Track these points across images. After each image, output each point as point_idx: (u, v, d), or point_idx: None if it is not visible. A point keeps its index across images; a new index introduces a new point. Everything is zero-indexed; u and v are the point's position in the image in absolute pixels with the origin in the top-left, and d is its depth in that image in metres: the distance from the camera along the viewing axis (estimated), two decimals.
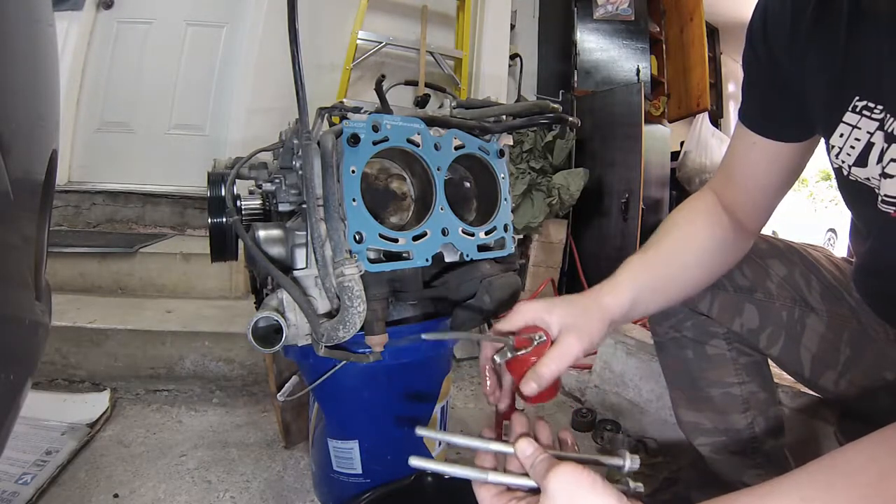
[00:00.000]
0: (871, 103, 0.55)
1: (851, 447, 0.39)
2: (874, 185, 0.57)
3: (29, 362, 0.54)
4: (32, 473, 1.04)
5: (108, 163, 2.58)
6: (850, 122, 0.57)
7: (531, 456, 0.47)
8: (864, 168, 0.57)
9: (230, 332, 1.59)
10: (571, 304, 0.61)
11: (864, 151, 0.57)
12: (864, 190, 0.58)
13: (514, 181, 2.41)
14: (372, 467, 0.90)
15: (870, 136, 0.56)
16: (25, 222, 0.53)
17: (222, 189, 0.91)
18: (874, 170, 0.56)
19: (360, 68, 2.63)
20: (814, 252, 0.83)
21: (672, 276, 0.70)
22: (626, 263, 0.68)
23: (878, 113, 0.54)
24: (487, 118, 0.92)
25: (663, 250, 0.70)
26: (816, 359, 0.78)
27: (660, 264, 0.69)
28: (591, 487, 0.42)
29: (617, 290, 0.64)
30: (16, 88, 0.51)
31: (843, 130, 0.58)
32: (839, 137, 0.59)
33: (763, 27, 0.64)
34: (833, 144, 0.60)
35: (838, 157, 0.60)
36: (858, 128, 0.57)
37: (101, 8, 2.56)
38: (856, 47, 0.55)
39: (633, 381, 1.44)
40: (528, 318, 0.60)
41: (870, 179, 0.57)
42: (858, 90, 0.56)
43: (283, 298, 0.74)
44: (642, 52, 3.44)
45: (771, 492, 0.39)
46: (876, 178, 0.56)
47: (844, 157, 0.59)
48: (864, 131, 0.56)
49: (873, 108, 0.55)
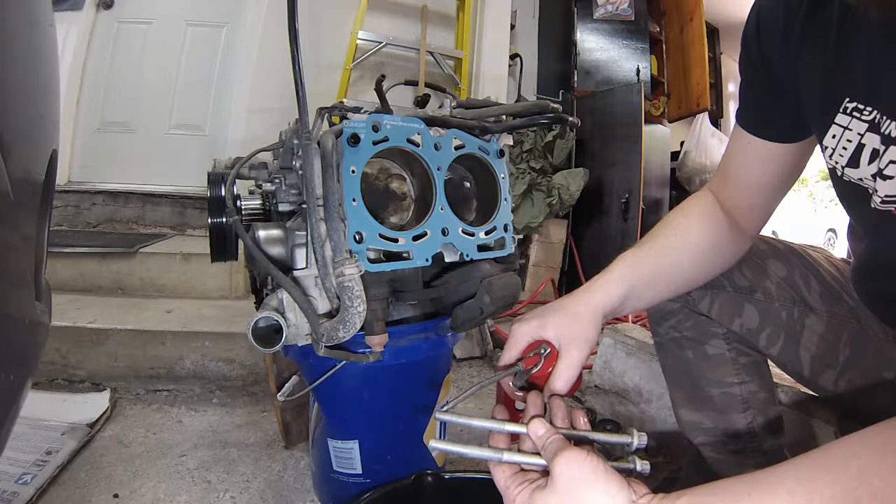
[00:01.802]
0: (860, 105, 0.55)
1: (839, 443, 0.40)
2: (867, 185, 0.57)
3: (29, 362, 0.54)
4: (32, 473, 1.04)
5: (108, 163, 2.58)
6: (842, 124, 0.58)
7: (543, 436, 0.49)
8: (857, 169, 0.57)
9: (230, 332, 1.59)
10: (563, 313, 0.63)
11: (855, 152, 0.57)
12: (857, 190, 0.59)
13: (514, 181, 2.41)
14: (372, 467, 0.90)
15: (860, 137, 0.56)
16: (25, 222, 0.53)
17: (222, 189, 0.91)
18: (866, 170, 0.56)
19: (360, 68, 2.64)
20: (813, 253, 0.83)
21: (664, 274, 0.71)
22: (620, 259, 0.69)
23: (868, 114, 0.55)
24: (487, 118, 0.92)
25: (657, 247, 0.71)
26: (816, 358, 0.78)
27: (653, 261, 0.70)
28: (592, 474, 0.43)
29: (608, 287, 0.66)
30: (16, 88, 0.51)
31: (835, 132, 0.59)
32: (832, 139, 0.59)
33: (756, 30, 0.65)
34: (826, 145, 0.61)
35: (832, 157, 0.60)
36: (850, 129, 0.57)
37: (101, 8, 2.56)
38: (847, 50, 0.56)
39: (633, 381, 1.44)
40: (528, 340, 0.63)
41: (863, 180, 0.58)
42: (849, 92, 0.56)
43: (283, 298, 0.74)
44: (642, 52, 3.44)
45: (759, 482, 0.39)
46: (869, 179, 0.57)
47: (837, 157, 0.59)
48: (854, 132, 0.56)
49: (863, 109, 0.55)
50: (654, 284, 0.71)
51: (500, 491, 0.49)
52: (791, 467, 0.40)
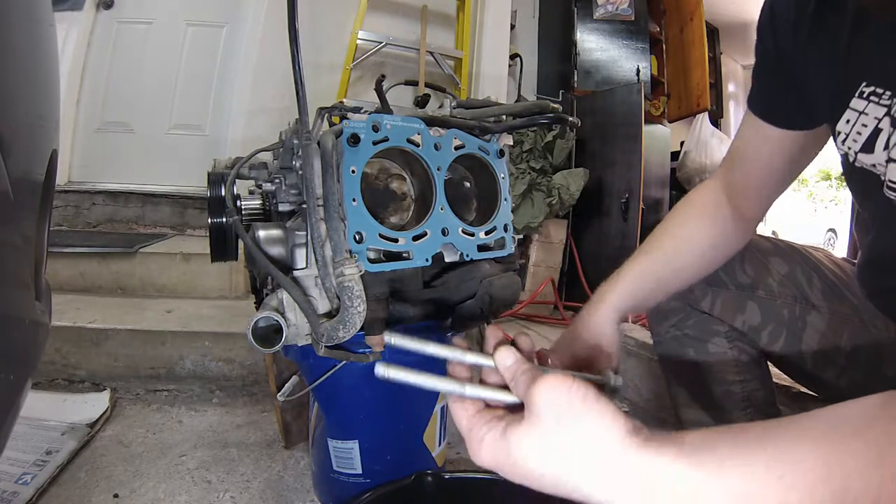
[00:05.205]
0: (878, 89, 0.55)
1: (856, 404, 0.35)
2: (880, 171, 0.57)
3: (29, 362, 0.54)
4: (32, 473, 1.04)
5: (108, 163, 2.58)
6: (857, 108, 0.57)
7: (513, 366, 0.41)
8: (871, 154, 0.57)
9: (230, 332, 1.58)
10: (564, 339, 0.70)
11: (870, 137, 0.56)
12: (869, 177, 0.58)
13: (514, 181, 2.41)
14: (372, 467, 0.90)
15: (877, 121, 0.55)
16: (25, 222, 0.53)
17: (222, 189, 0.91)
18: (881, 156, 0.56)
19: (360, 68, 2.63)
20: (815, 252, 0.84)
21: (671, 278, 0.75)
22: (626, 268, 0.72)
23: (887, 99, 0.54)
24: (487, 118, 0.92)
25: (660, 254, 0.74)
26: (818, 355, 0.78)
27: (657, 268, 0.74)
28: (582, 401, 0.35)
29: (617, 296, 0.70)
30: (16, 88, 0.51)
31: (849, 116, 0.58)
32: (845, 123, 0.59)
33: (771, 14, 0.65)
34: (839, 131, 0.60)
35: (844, 143, 0.60)
36: (865, 114, 0.56)
37: (101, 8, 2.56)
38: (863, 33, 0.55)
39: (633, 381, 1.44)
40: None
41: (875, 166, 0.57)
42: (866, 76, 0.56)
43: (283, 298, 0.74)
44: (642, 52, 3.44)
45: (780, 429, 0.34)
46: (882, 165, 0.56)
47: (850, 143, 0.59)
48: (871, 117, 0.56)
49: (882, 93, 0.55)
50: (661, 289, 0.75)
51: (463, 433, 0.41)
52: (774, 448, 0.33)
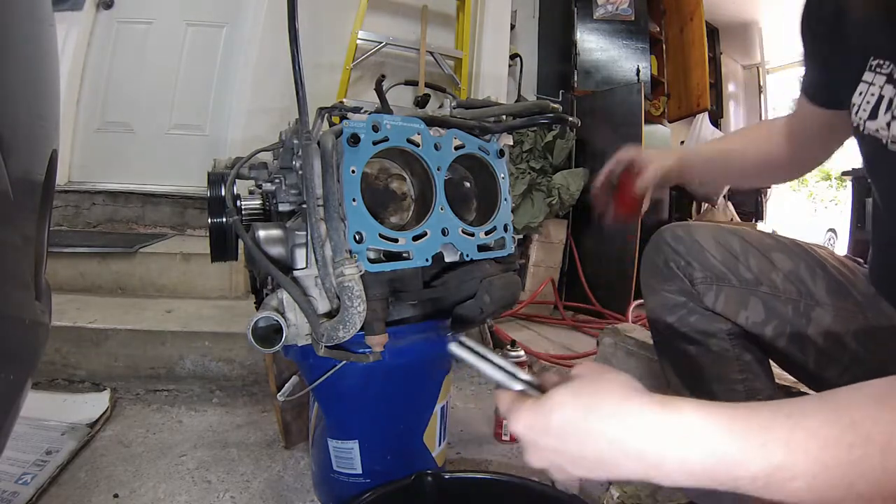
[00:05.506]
0: (882, 61, 0.61)
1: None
2: (882, 135, 0.62)
3: (29, 362, 0.54)
4: (32, 473, 1.04)
5: (108, 163, 2.58)
6: (868, 80, 0.63)
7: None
8: (875, 120, 0.62)
9: (230, 332, 1.59)
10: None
11: (876, 105, 0.62)
12: (874, 144, 0.63)
13: (514, 181, 2.40)
14: (372, 467, 0.90)
15: (881, 90, 0.61)
16: (25, 222, 0.53)
17: (222, 189, 0.91)
18: (882, 119, 0.61)
19: (360, 68, 2.63)
20: (819, 249, 0.84)
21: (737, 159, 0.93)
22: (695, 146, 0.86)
23: (887, 68, 0.60)
24: (487, 118, 0.92)
25: (731, 142, 0.99)
26: (822, 352, 0.78)
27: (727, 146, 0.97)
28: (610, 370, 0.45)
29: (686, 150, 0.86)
30: (16, 88, 0.51)
31: (861, 89, 0.64)
32: (858, 96, 0.65)
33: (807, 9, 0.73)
34: (854, 103, 0.66)
35: (857, 114, 0.65)
36: (873, 84, 0.63)
37: (101, 8, 2.56)
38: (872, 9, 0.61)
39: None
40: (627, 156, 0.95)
41: (878, 131, 0.62)
42: (874, 50, 0.62)
43: (283, 298, 0.74)
44: (642, 52, 3.43)
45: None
46: (884, 129, 0.61)
47: (861, 112, 0.64)
48: (877, 86, 0.62)
49: (883, 64, 0.61)
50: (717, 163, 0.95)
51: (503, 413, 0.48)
52: None
